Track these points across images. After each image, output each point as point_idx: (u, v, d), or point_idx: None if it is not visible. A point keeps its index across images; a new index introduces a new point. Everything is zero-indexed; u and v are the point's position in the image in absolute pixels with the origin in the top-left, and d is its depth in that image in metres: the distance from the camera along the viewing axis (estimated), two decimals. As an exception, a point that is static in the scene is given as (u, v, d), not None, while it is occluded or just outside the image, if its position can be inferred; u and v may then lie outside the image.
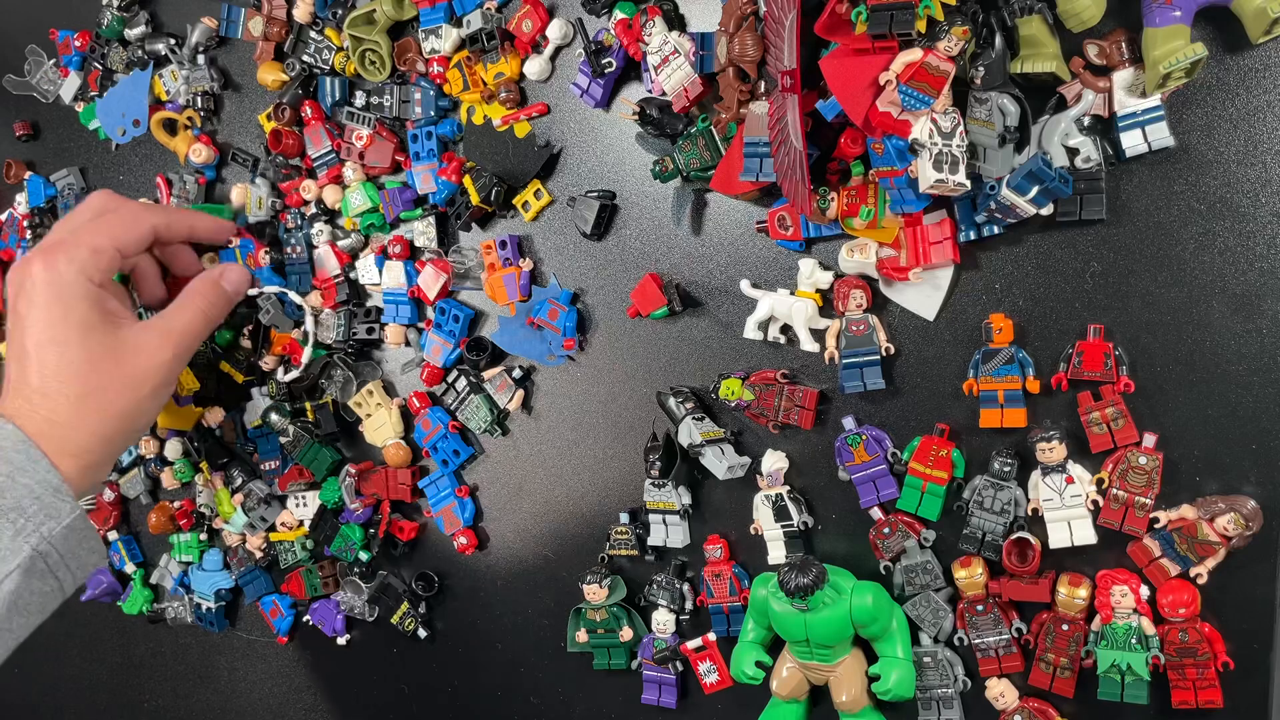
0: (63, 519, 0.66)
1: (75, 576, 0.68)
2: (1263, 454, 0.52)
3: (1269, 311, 0.52)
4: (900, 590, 0.61)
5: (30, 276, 0.70)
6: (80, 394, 0.68)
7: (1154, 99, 0.52)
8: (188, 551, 0.90)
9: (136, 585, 0.95)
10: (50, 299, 0.69)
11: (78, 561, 0.67)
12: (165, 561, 0.93)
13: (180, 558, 0.91)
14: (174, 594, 0.92)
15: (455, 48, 0.73)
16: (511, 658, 0.78)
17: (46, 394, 0.68)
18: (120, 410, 0.70)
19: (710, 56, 0.62)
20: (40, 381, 0.68)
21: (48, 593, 0.66)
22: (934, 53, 0.52)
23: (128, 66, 0.89)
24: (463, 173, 0.73)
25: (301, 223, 0.81)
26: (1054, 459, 0.56)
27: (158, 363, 0.71)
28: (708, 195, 0.66)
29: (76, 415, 0.68)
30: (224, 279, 0.77)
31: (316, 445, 0.81)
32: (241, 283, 0.78)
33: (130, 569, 0.95)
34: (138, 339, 0.71)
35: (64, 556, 0.66)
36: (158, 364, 0.71)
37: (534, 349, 0.73)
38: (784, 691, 0.63)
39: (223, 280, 0.77)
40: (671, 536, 0.68)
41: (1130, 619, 0.55)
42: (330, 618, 0.84)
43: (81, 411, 0.68)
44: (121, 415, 0.70)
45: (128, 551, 0.95)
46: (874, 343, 0.60)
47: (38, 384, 0.68)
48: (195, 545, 0.90)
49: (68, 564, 0.66)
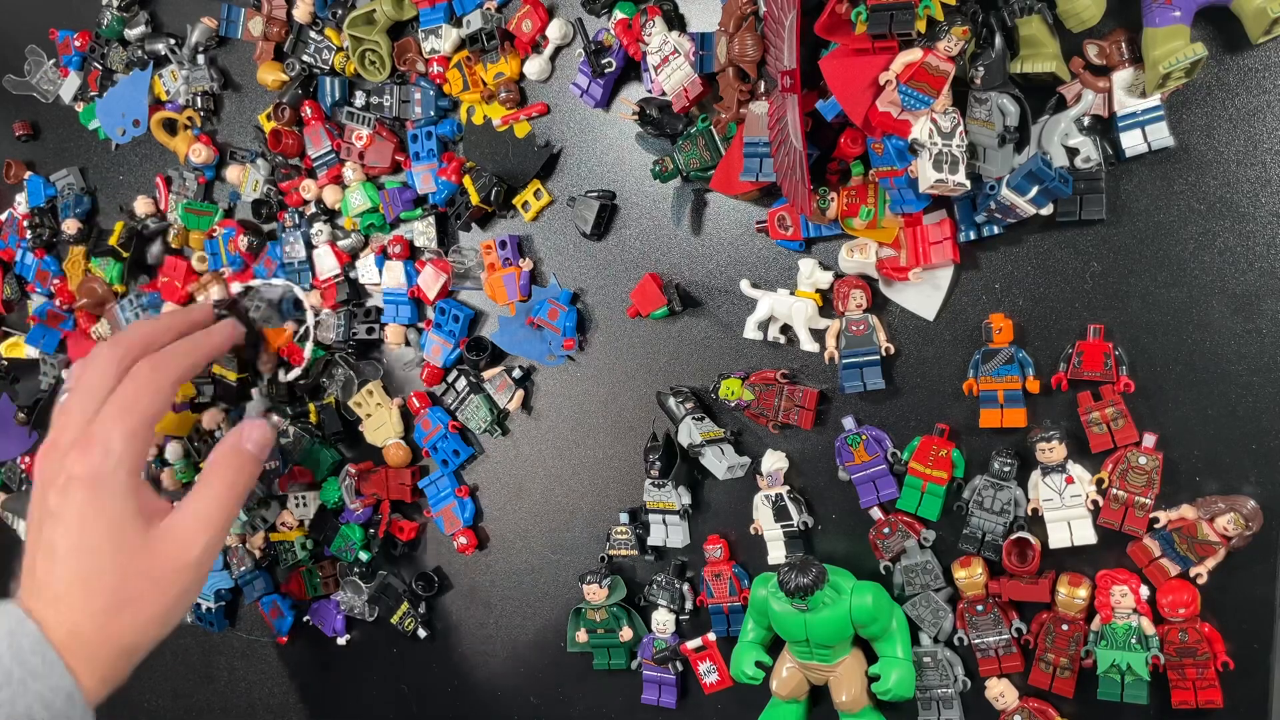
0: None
1: None
2: (1263, 454, 0.52)
3: (1269, 311, 0.52)
4: (900, 590, 0.61)
5: (70, 477, 0.65)
6: (106, 608, 0.63)
7: (1154, 99, 0.52)
8: (188, 551, 0.90)
9: (136, 585, 0.95)
10: (87, 497, 0.65)
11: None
12: (165, 561, 0.93)
13: (180, 558, 0.91)
14: (174, 594, 0.92)
15: (455, 48, 0.73)
16: (511, 658, 0.78)
17: (71, 606, 0.63)
18: (147, 618, 0.65)
19: (710, 56, 0.62)
20: (66, 589, 0.64)
21: None
22: (934, 53, 0.52)
23: (127, 66, 0.89)
24: (463, 173, 0.73)
25: (300, 222, 0.81)
26: (1054, 459, 0.56)
27: (189, 560, 0.66)
28: (708, 195, 0.66)
29: (101, 631, 0.63)
30: (244, 440, 0.71)
31: (317, 445, 0.81)
32: (263, 438, 0.72)
33: (130, 569, 0.95)
34: (166, 535, 0.66)
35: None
36: (189, 561, 0.66)
37: (534, 349, 0.73)
38: (784, 691, 0.63)
39: (244, 443, 0.71)
40: (671, 536, 0.68)
41: (1130, 619, 0.55)
42: (330, 618, 0.84)
43: (106, 626, 0.64)
44: (148, 623, 0.65)
45: (128, 551, 0.95)
46: (874, 343, 0.60)
47: (63, 591, 0.63)
48: (195, 545, 0.90)
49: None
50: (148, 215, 0.90)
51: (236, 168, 0.85)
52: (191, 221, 0.85)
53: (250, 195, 0.83)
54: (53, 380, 0.98)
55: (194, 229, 0.86)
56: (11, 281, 1.00)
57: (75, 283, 0.94)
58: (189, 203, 0.86)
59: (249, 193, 0.84)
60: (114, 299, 0.92)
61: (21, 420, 0.99)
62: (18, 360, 1.00)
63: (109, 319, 0.92)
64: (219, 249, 0.85)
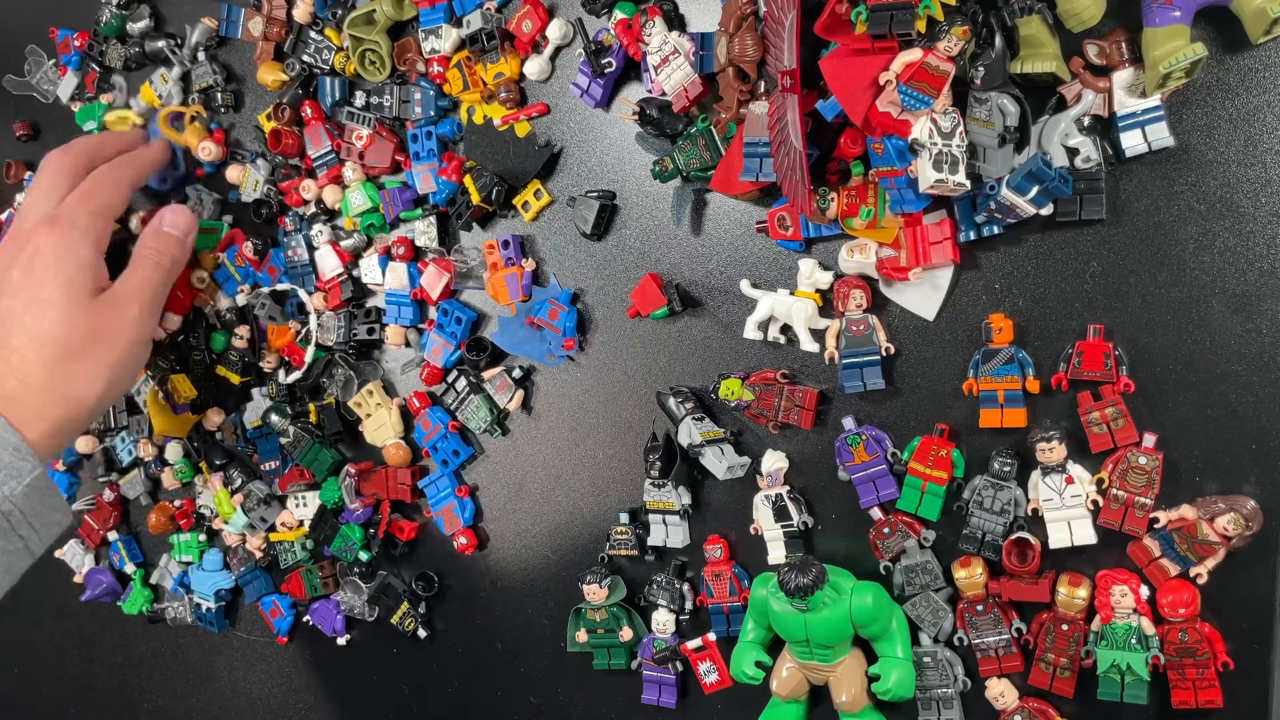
0: (24, 478, 0.67)
1: (40, 536, 0.70)
2: (1263, 454, 0.52)
3: (1269, 311, 0.52)
4: (900, 590, 0.61)
5: (36, 248, 0.72)
6: (55, 356, 0.70)
7: (1154, 99, 0.52)
8: (188, 552, 0.90)
9: (136, 585, 0.95)
10: (56, 268, 0.71)
11: (41, 520, 0.69)
12: (165, 562, 0.93)
13: (180, 558, 0.91)
14: (174, 594, 0.92)
15: (455, 48, 0.73)
16: (511, 658, 0.78)
17: (23, 356, 0.70)
18: (92, 371, 0.72)
19: (710, 56, 0.62)
20: (19, 342, 0.70)
21: (13, 552, 0.68)
22: (934, 53, 0.52)
23: (125, 64, 0.89)
24: (463, 172, 0.73)
25: (301, 224, 0.81)
26: (1054, 459, 0.56)
27: (124, 323, 0.73)
28: (708, 195, 0.66)
29: (48, 376, 0.70)
30: (163, 224, 0.79)
31: (317, 446, 0.81)
32: (181, 220, 0.80)
33: (130, 569, 0.95)
34: (107, 301, 0.73)
35: (26, 515, 0.68)
36: (125, 324, 0.73)
37: (534, 349, 0.73)
38: (784, 691, 0.63)
39: (163, 225, 0.79)
40: (671, 536, 0.68)
41: (1130, 619, 0.55)
42: (330, 618, 0.84)
43: (53, 373, 0.70)
44: (93, 376, 0.72)
45: (128, 552, 0.95)
46: (874, 343, 0.60)
47: (16, 344, 0.70)
48: (195, 545, 0.90)
49: (31, 523, 0.68)
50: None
51: (237, 167, 0.85)
52: (200, 241, 0.85)
53: (250, 195, 0.83)
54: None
55: (202, 249, 0.85)
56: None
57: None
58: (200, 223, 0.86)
59: (249, 193, 0.84)
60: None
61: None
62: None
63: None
64: (230, 273, 0.85)
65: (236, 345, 0.84)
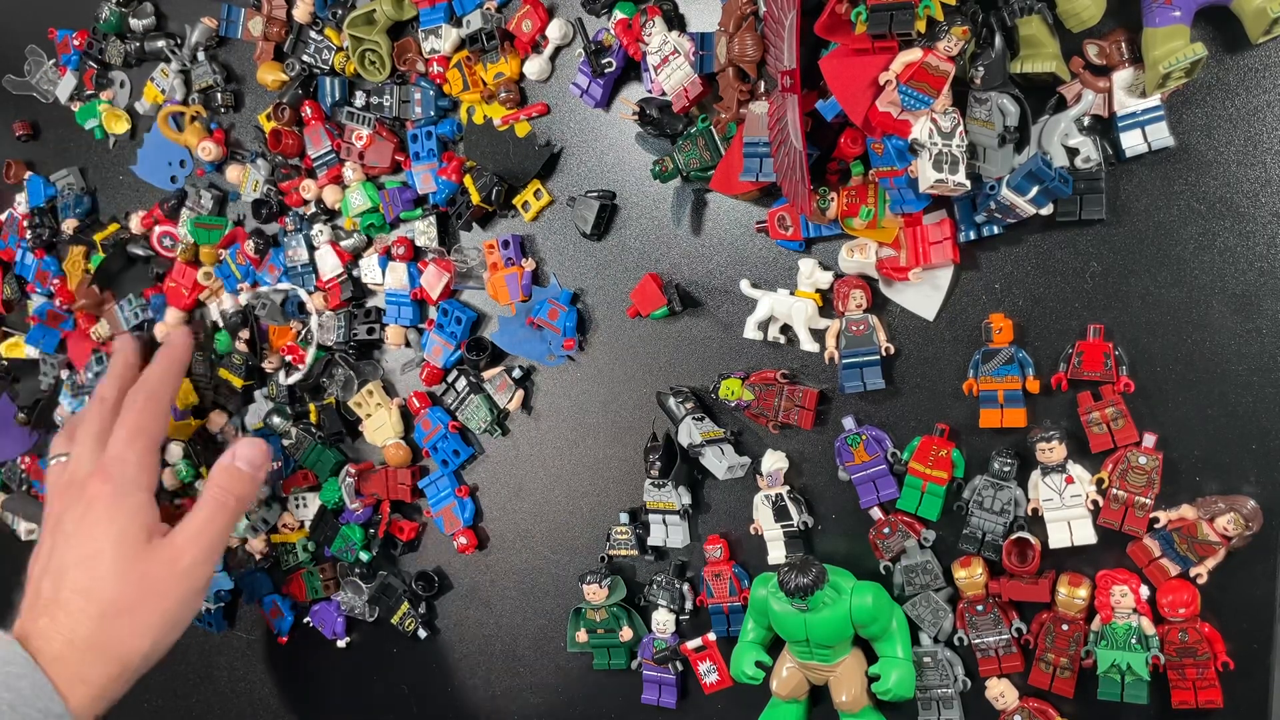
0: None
1: None
2: (1263, 454, 0.52)
3: (1269, 311, 0.52)
4: (900, 590, 0.61)
5: (90, 499, 0.70)
6: (103, 613, 0.66)
7: (1154, 99, 0.52)
8: (188, 552, 0.90)
9: (136, 585, 0.95)
10: (109, 519, 0.69)
11: None
12: (165, 562, 0.93)
13: (180, 558, 0.91)
14: (174, 594, 0.92)
15: (455, 48, 0.73)
16: (511, 658, 0.78)
17: (69, 611, 0.66)
18: (144, 626, 0.68)
19: (710, 56, 0.62)
20: (68, 597, 0.67)
21: None
22: (934, 53, 0.52)
23: (125, 60, 0.89)
24: (463, 172, 0.73)
25: (301, 224, 0.81)
26: (1054, 459, 0.56)
27: (181, 569, 0.70)
28: (708, 195, 0.66)
29: (97, 635, 0.66)
30: (236, 459, 0.75)
31: (319, 447, 0.81)
32: (255, 455, 0.76)
33: (130, 569, 0.95)
34: (162, 547, 0.70)
35: None
36: (181, 570, 0.70)
37: (534, 349, 0.73)
38: (784, 691, 0.63)
39: (236, 461, 0.75)
40: (671, 536, 0.68)
41: (1130, 619, 0.55)
42: (331, 620, 0.84)
43: (102, 631, 0.66)
44: (144, 631, 0.68)
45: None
46: (874, 343, 0.60)
47: (65, 599, 0.67)
48: (195, 545, 0.90)
49: None
50: (140, 234, 0.90)
51: (237, 167, 0.85)
52: (201, 236, 0.85)
53: (250, 195, 0.83)
54: (52, 381, 0.98)
55: (204, 244, 0.86)
56: (11, 281, 1.00)
57: (75, 283, 0.93)
58: (199, 218, 0.86)
59: (249, 193, 0.84)
60: (113, 300, 0.92)
61: (21, 420, 0.99)
62: (18, 360, 1.00)
63: (108, 319, 0.92)
64: (230, 270, 0.85)
65: (239, 349, 0.84)
